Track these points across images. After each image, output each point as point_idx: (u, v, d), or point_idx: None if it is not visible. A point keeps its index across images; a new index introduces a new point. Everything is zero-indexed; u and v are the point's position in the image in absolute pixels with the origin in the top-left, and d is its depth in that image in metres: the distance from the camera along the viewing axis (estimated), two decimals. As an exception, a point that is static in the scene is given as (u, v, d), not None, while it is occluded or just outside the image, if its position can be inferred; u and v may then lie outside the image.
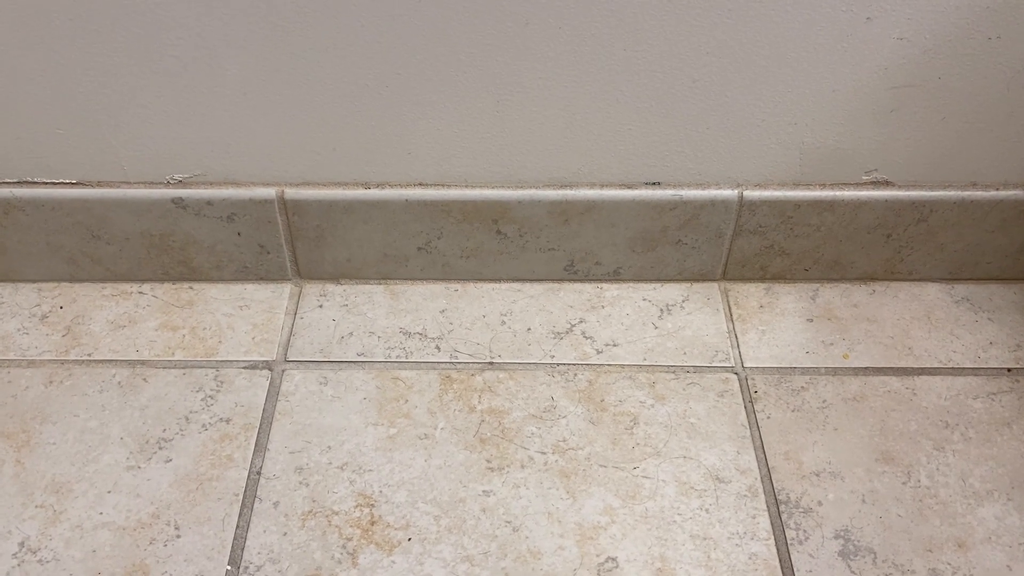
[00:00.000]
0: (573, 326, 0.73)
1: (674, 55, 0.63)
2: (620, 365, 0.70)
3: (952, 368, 0.70)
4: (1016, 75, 0.64)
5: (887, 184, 0.71)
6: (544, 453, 0.64)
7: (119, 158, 0.69)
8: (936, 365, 0.70)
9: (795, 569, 0.58)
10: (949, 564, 0.58)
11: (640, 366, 0.70)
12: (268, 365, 0.70)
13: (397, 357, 0.71)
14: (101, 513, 0.60)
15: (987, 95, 0.65)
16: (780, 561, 0.58)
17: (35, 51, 0.62)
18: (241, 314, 0.74)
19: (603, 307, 0.75)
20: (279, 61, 0.63)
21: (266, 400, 0.67)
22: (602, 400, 0.68)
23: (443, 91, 0.65)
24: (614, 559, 0.58)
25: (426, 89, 0.65)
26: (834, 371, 0.70)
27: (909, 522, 0.60)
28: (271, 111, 0.66)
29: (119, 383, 0.68)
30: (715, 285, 0.77)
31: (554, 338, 0.72)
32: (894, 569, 0.58)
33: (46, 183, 0.70)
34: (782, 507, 0.61)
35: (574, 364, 0.70)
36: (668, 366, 0.70)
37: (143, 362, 0.70)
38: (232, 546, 0.59)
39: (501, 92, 0.65)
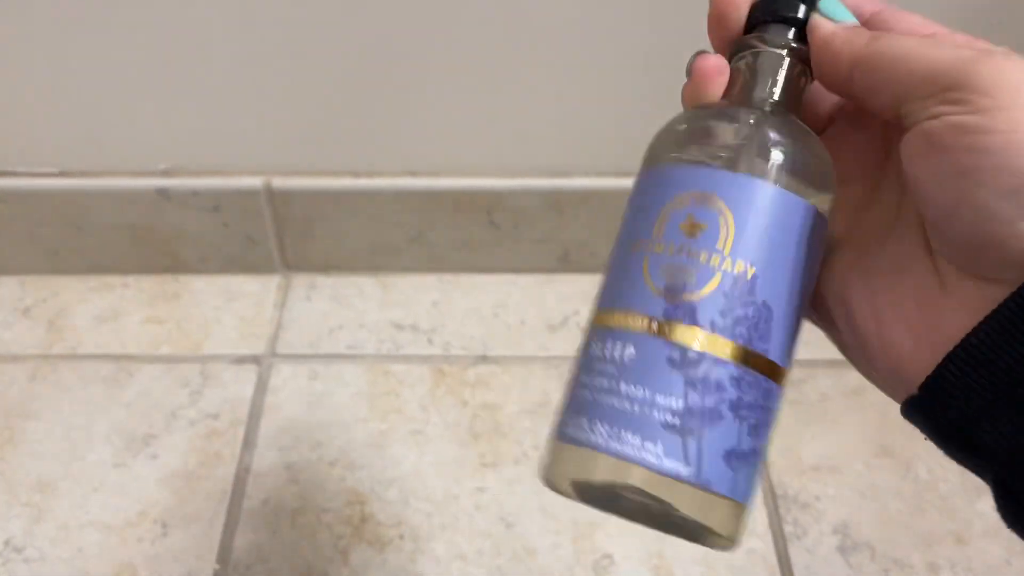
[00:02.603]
0: (568, 318, 0.72)
1: (672, 43, 0.61)
2: (615, 358, 0.69)
3: (951, 359, 0.69)
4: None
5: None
6: (539, 448, 0.63)
7: (102, 147, 0.67)
8: (935, 356, 0.69)
9: (793, 564, 0.57)
10: (948, 559, 0.57)
11: (635, 358, 0.69)
12: (256, 359, 0.69)
13: (388, 350, 0.69)
14: (87, 512, 0.59)
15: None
16: (778, 556, 0.58)
17: (14, 38, 0.61)
18: (228, 307, 0.73)
19: (598, 298, 0.74)
20: (265, 46, 0.61)
21: (254, 395, 0.66)
22: (597, 393, 0.67)
23: (435, 78, 0.63)
24: (610, 556, 0.57)
25: (417, 76, 0.63)
26: (833, 363, 0.69)
27: (908, 517, 0.60)
28: (258, 98, 0.64)
29: (104, 378, 0.67)
30: (711, 275, 0.76)
31: (548, 331, 0.71)
32: (892, 564, 0.57)
33: (28, 173, 0.69)
34: (780, 502, 0.60)
35: (569, 357, 0.69)
36: (664, 358, 0.69)
37: (128, 356, 0.69)
38: (220, 545, 0.58)
39: (494, 79, 0.63)
